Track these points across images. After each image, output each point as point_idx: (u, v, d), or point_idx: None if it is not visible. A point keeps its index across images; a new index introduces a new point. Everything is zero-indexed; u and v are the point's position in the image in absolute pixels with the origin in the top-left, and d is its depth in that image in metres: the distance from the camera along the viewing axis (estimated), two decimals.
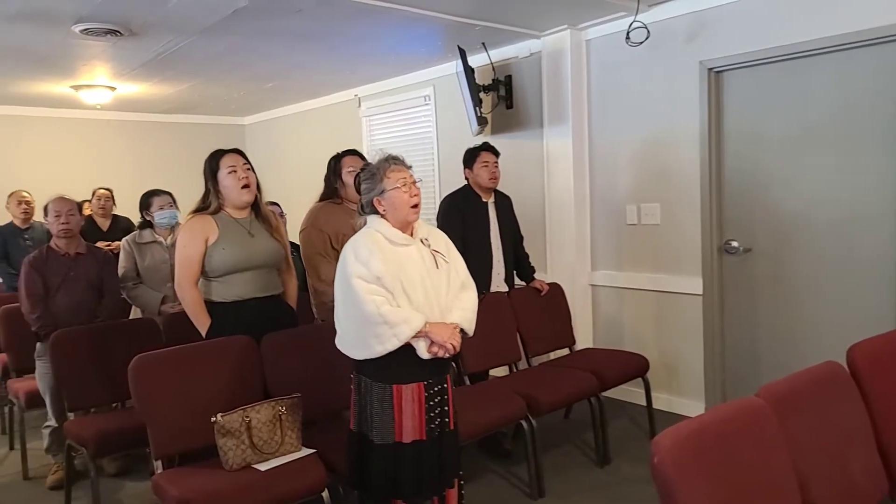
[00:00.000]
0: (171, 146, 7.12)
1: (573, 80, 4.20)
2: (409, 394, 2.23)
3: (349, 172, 3.18)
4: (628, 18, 3.79)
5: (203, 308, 2.77)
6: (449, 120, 5.11)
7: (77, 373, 3.13)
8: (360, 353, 2.21)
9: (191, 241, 2.75)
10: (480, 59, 4.54)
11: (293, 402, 2.54)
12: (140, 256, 3.72)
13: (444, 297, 2.30)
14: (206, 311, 2.77)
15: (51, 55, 4.35)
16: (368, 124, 5.96)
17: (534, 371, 3.57)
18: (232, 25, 3.75)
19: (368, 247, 2.21)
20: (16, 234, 4.90)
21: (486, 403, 3.00)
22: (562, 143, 4.28)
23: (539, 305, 3.78)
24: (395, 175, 2.27)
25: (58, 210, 3.46)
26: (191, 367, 2.60)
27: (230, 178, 2.78)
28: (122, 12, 3.48)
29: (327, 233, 3.10)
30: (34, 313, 3.36)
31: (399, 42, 4.39)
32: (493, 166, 3.63)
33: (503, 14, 3.85)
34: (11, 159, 6.27)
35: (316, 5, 3.47)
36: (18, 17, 3.47)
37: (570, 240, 4.28)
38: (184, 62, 4.65)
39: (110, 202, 5.24)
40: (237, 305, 2.78)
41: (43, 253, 3.47)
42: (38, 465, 3.61)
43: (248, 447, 2.40)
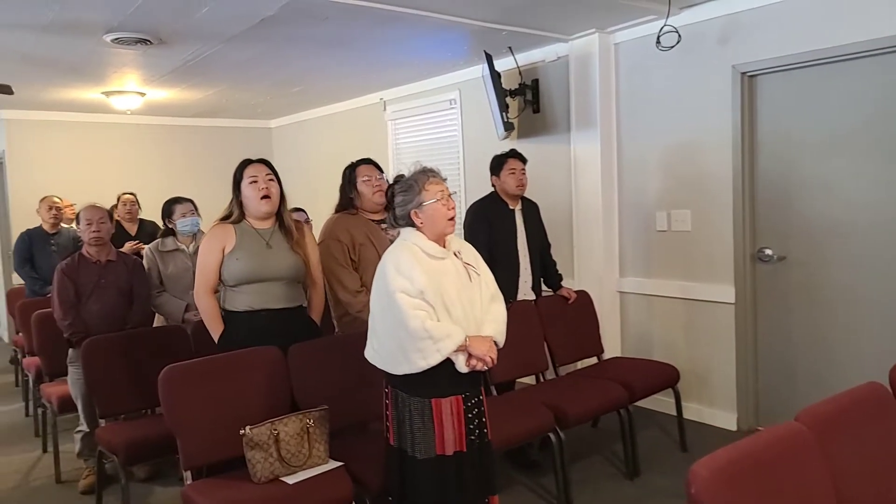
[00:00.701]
0: (198, 149, 7.20)
1: (601, 84, 4.14)
2: (447, 407, 2.24)
3: (364, 182, 3.18)
4: (658, 22, 3.72)
5: (217, 316, 2.79)
6: (475, 124, 5.08)
7: (108, 380, 3.17)
8: (402, 368, 2.20)
9: (209, 249, 2.77)
10: (507, 63, 4.50)
11: (321, 415, 2.53)
12: (163, 264, 3.75)
13: (478, 310, 2.31)
14: (220, 319, 2.79)
15: (83, 63, 4.41)
16: (394, 128, 5.95)
17: (561, 381, 3.52)
18: (259, 33, 3.76)
19: (410, 261, 2.20)
20: (43, 239, 4.98)
21: (514, 415, 2.97)
22: (590, 147, 4.22)
23: (566, 314, 3.74)
24: (434, 188, 2.27)
25: (89, 218, 3.50)
26: (219, 377, 2.61)
27: (251, 188, 2.79)
28: (152, 22, 3.51)
29: (345, 243, 3.09)
30: (66, 320, 3.41)
31: (425, 47, 4.37)
32: (521, 173, 3.59)
33: (531, 19, 3.80)
34: (45, 163, 6.39)
35: (343, 13, 3.46)
36: (52, 27, 3.52)
37: (598, 246, 4.22)
38: (212, 68, 4.68)
39: (136, 206, 5.30)
40: (249, 315, 2.77)
41: (75, 260, 3.52)
42: (70, 468, 3.67)
43: (277, 460, 2.40)
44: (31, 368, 4.29)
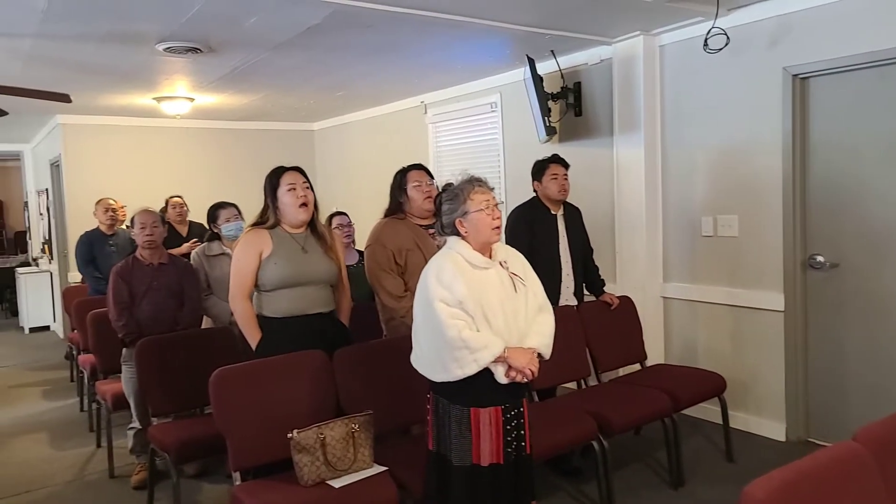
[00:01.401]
0: (243, 151, 7.35)
1: (646, 87, 4.08)
2: (486, 417, 2.24)
3: (414, 187, 3.19)
4: (705, 24, 3.65)
5: (254, 321, 2.82)
6: (516, 127, 5.07)
7: (160, 379, 3.27)
8: (439, 376, 2.22)
9: (245, 255, 2.80)
10: (549, 66, 4.48)
11: (366, 420, 2.57)
12: (209, 268, 3.85)
13: (523, 322, 2.30)
14: (256, 324, 2.82)
15: (136, 71, 4.56)
16: (434, 131, 5.98)
17: (604, 388, 3.49)
18: (305, 41, 3.83)
19: (451, 271, 2.21)
20: (102, 240, 5.17)
21: (556, 422, 2.96)
22: (633, 151, 4.17)
23: (609, 319, 3.70)
24: (479, 197, 2.28)
25: (143, 222, 3.62)
26: (267, 381, 2.67)
27: (289, 195, 2.81)
28: (203, 32, 3.61)
29: (391, 249, 3.11)
30: (120, 320, 3.53)
31: (467, 52, 4.39)
32: (563, 179, 3.57)
33: (574, 23, 3.77)
34: (98, 166, 6.62)
35: (386, 20, 3.49)
36: (107, 38, 3.65)
37: (642, 251, 4.16)
38: (258, 75, 4.78)
39: (184, 208, 5.43)
40: (287, 321, 2.81)
41: (129, 263, 3.64)
42: (122, 463, 3.80)
43: (323, 464, 2.44)
44: (87, 365, 4.46)
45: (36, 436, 4.48)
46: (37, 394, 5.54)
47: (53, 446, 4.26)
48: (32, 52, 3.87)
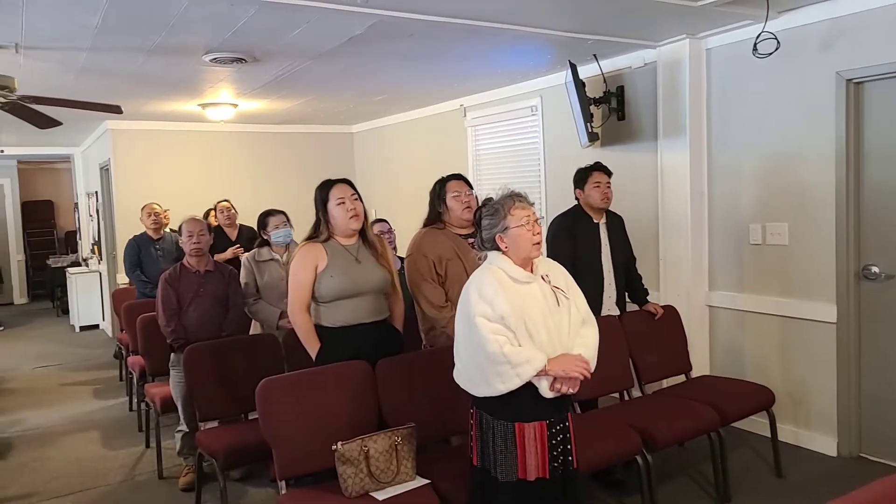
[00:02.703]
0: (284, 154, 7.46)
1: (691, 91, 3.99)
2: (531, 432, 2.23)
3: (454, 197, 3.20)
4: (753, 27, 3.56)
5: (313, 333, 2.88)
6: (556, 130, 5.02)
7: (207, 384, 3.35)
8: (482, 391, 2.22)
9: (302, 269, 2.86)
10: (591, 70, 4.42)
11: (408, 432, 2.58)
12: (259, 273, 3.92)
13: (566, 335, 2.29)
14: (315, 335, 2.88)
15: (183, 80, 4.67)
16: (474, 134, 5.96)
17: (648, 400, 3.44)
18: (347, 50, 3.86)
19: (493, 286, 2.21)
20: (148, 244, 5.31)
21: (599, 436, 2.92)
22: (678, 156, 4.09)
23: (653, 329, 3.64)
24: (519, 213, 2.27)
25: (190, 231, 3.70)
26: (312, 391, 2.71)
27: (339, 209, 2.87)
28: (248, 43, 3.67)
29: (431, 258, 3.13)
30: (169, 326, 3.62)
31: (508, 57, 4.36)
32: (606, 187, 3.52)
33: (618, 27, 3.71)
34: (145, 170, 6.79)
35: (428, 29, 3.50)
36: (157, 50, 3.74)
37: (686, 259, 4.08)
38: (300, 82, 4.85)
39: (232, 212, 5.53)
40: (345, 330, 2.86)
41: (176, 270, 3.73)
42: (170, 464, 3.90)
43: (367, 475, 2.47)
44: (136, 367, 4.59)
45: (88, 434, 4.63)
46: (88, 392, 5.73)
47: (105, 445, 4.40)
48: (86, 64, 3.99)
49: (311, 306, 2.93)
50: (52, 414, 5.12)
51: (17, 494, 3.69)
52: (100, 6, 2.93)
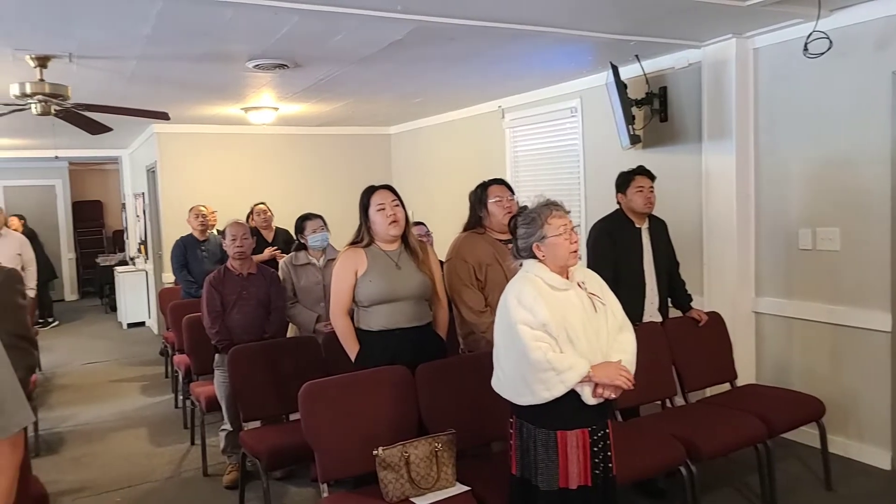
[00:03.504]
0: (323, 155, 7.55)
1: (738, 91, 3.89)
2: (573, 440, 2.22)
3: (495, 202, 3.19)
4: (803, 25, 3.45)
5: (353, 336, 2.93)
6: (597, 132, 4.95)
7: (250, 385, 3.41)
8: (525, 399, 2.22)
9: (343, 273, 2.91)
10: (632, 71, 4.35)
11: (448, 439, 2.59)
12: (296, 277, 3.97)
13: (605, 341, 2.28)
14: (355, 338, 2.92)
15: (226, 85, 4.77)
16: (512, 135, 5.93)
17: (691, 409, 3.37)
18: (387, 55, 3.88)
19: (532, 293, 2.21)
20: (194, 246, 5.43)
21: (641, 446, 2.88)
22: (723, 159, 3.99)
23: (696, 336, 3.56)
24: (556, 222, 2.26)
25: (234, 234, 3.78)
26: (352, 395, 2.74)
27: (379, 215, 2.90)
28: (290, 50, 3.73)
29: (471, 263, 3.13)
30: (213, 328, 3.70)
31: (548, 59, 4.33)
32: (649, 191, 3.47)
33: (661, 28, 3.65)
34: (191, 172, 6.95)
35: (468, 33, 3.49)
36: (203, 58, 3.83)
37: (732, 264, 3.98)
38: (340, 86, 4.90)
39: (269, 214, 5.62)
40: (383, 334, 2.89)
41: (221, 273, 3.81)
42: (214, 461, 3.99)
43: (407, 481, 2.48)
44: (181, 365, 4.71)
45: (136, 431, 4.77)
46: (135, 389, 5.90)
47: (152, 442, 4.53)
48: (135, 71, 4.11)
49: (352, 310, 2.96)
50: (102, 410, 5.29)
51: (70, 488, 3.82)
52: (150, 17, 3.02)
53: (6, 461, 1.39)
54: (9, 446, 1.40)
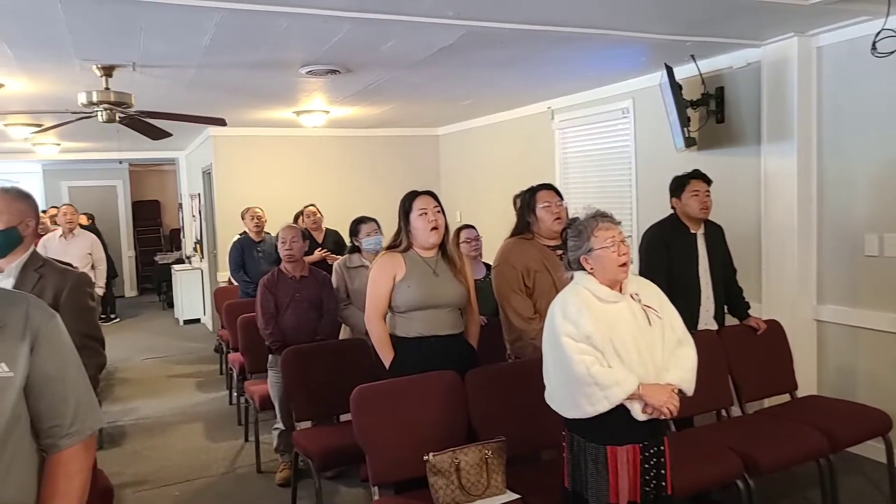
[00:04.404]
0: (372, 156, 7.62)
1: (800, 92, 3.75)
2: (623, 456, 2.18)
3: (543, 207, 3.16)
4: (870, 22, 3.30)
5: (387, 341, 2.92)
6: (649, 133, 4.86)
7: (303, 387, 3.47)
8: (571, 412, 2.20)
9: (380, 278, 2.90)
10: (687, 71, 4.24)
11: (498, 446, 2.58)
12: (349, 279, 4.03)
13: (660, 356, 2.22)
14: (390, 344, 2.91)
15: (279, 90, 4.87)
16: (561, 136, 5.87)
17: (748, 421, 3.27)
18: (436, 59, 3.90)
19: (577, 305, 2.18)
20: (251, 246, 5.58)
21: (696, 458, 2.80)
22: (784, 162, 3.86)
23: (754, 345, 3.46)
24: (604, 234, 2.22)
25: (284, 238, 3.86)
26: (403, 399, 2.76)
27: (421, 220, 2.88)
28: (342, 56, 3.78)
29: (519, 269, 3.11)
30: (267, 329, 3.79)
31: (600, 60, 4.27)
32: (705, 195, 3.38)
33: (719, 28, 3.54)
34: (245, 174, 7.13)
35: (519, 37, 3.47)
36: (258, 65, 3.93)
37: (792, 271, 3.84)
38: (389, 90, 4.94)
39: (318, 216, 5.69)
40: (418, 341, 2.88)
41: (274, 275, 3.90)
42: (267, 458, 4.09)
43: (457, 487, 2.49)
44: (235, 364, 4.84)
45: (193, 426, 4.93)
46: (191, 385, 6.10)
47: (208, 437, 4.67)
48: (194, 79, 4.24)
49: (387, 315, 2.96)
50: (160, 404, 5.49)
51: (131, 481, 3.98)
52: (209, 28, 3.11)
53: (81, 463, 1.46)
54: (83, 449, 1.47)
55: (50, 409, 1.41)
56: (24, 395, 1.37)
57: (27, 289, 2.23)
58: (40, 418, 1.41)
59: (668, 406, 2.13)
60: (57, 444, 1.43)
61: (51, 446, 1.43)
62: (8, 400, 1.33)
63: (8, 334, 1.35)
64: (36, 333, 1.39)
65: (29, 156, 8.93)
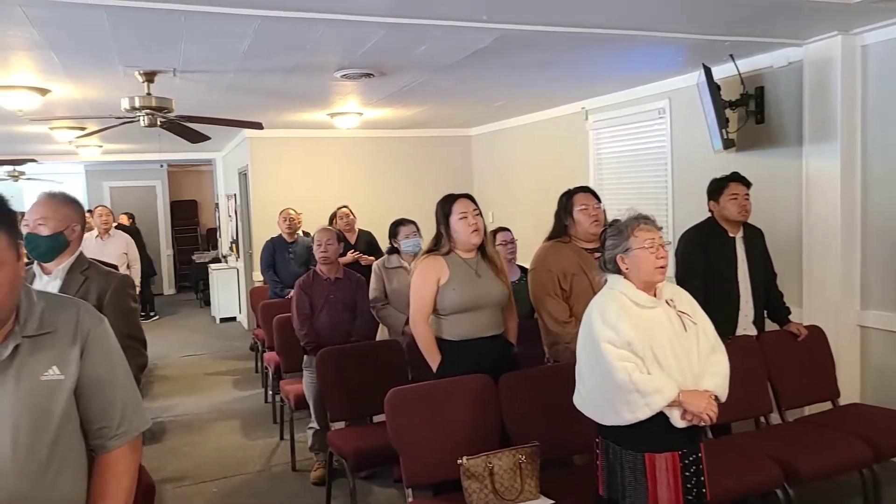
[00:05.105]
0: (404, 157, 7.65)
1: (844, 91, 3.65)
2: (662, 464, 2.17)
3: (581, 210, 3.14)
4: None
5: (433, 344, 2.94)
6: (686, 134, 4.78)
7: (337, 387, 3.52)
8: (609, 419, 2.19)
9: (424, 281, 2.92)
10: (726, 70, 4.16)
11: (532, 451, 2.58)
12: (388, 280, 4.05)
13: (696, 362, 2.20)
14: (436, 347, 2.93)
15: (314, 94, 4.93)
16: (595, 137, 5.81)
17: (788, 429, 3.20)
18: (470, 62, 3.90)
19: (615, 310, 2.17)
20: (283, 247, 5.66)
21: (734, 466, 2.76)
22: (827, 163, 3.76)
23: (794, 351, 3.38)
24: (644, 234, 2.21)
25: (319, 240, 3.91)
26: (437, 402, 2.78)
27: (461, 223, 2.90)
28: (377, 60, 3.81)
29: (556, 273, 3.09)
30: (302, 330, 3.84)
31: (635, 61, 4.22)
32: (744, 199, 3.32)
33: (760, 27, 3.47)
34: (280, 175, 7.22)
35: (553, 39, 3.45)
36: (294, 69, 3.98)
37: (835, 275, 3.74)
38: (422, 92, 4.96)
39: (351, 217, 5.73)
40: (464, 344, 2.90)
41: (310, 277, 3.95)
42: (302, 457, 4.15)
43: (491, 492, 2.50)
44: (271, 363, 4.92)
45: (229, 423, 5.03)
46: (228, 382, 6.22)
47: (244, 435, 4.76)
48: (232, 83, 4.32)
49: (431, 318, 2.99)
50: (198, 401, 5.61)
51: (171, 476, 4.08)
52: (247, 35, 3.17)
53: (128, 463, 1.51)
54: (130, 450, 1.52)
55: (99, 411, 1.46)
56: (74, 397, 1.42)
57: (73, 290, 2.31)
58: (90, 420, 1.46)
59: (707, 412, 2.11)
60: (105, 445, 1.48)
61: (99, 447, 1.48)
62: (59, 402, 1.38)
63: (59, 339, 1.40)
64: (86, 338, 1.44)
65: (72, 157, 9.20)
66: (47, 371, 1.36)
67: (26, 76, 3.95)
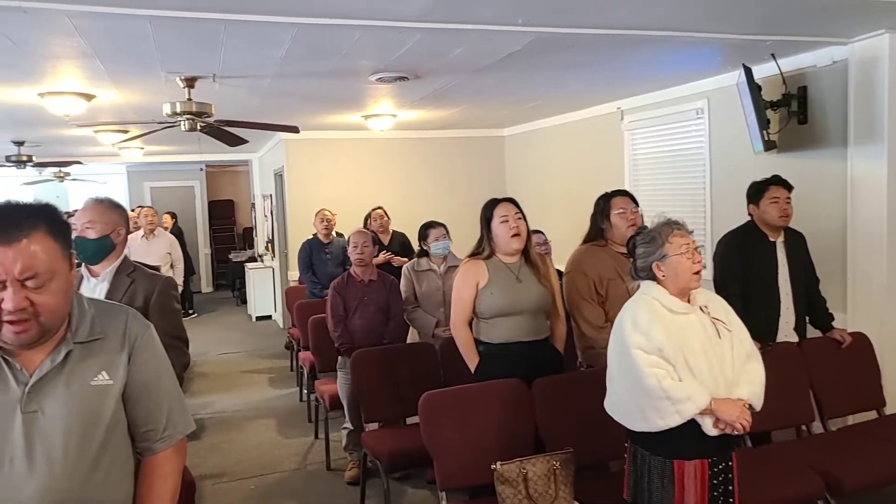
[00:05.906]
0: (438, 157, 7.66)
1: (891, 91, 3.53)
2: (691, 471, 2.15)
3: (618, 214, 3.12)
4: None
5: (473, 347, 2.97)
6: (724, 135, 4.68)
7: (371, 388, 3.56)
8: (638, 425, 2.17)
9: (464, 285, 2.95)
10: (766, 70, 4.06)
11: (566, 457, 2.58)
12: (418, 282, 4.09)
13: (730, 370, 2.18)
14: (475, 349, 2.96)
15: (349, 96, 4.98)
16: (631, 137, 5.73)
17: (831, 438, 3.13)
18: (504, 64, 3.88)
19: (648, 316, 2.15)
20: (319, 248, 5.72)
21: (773, 476, 2.71)
22: (874, 164, 3.64)
23: (838, 358, 3.30)
24: (679, 241, 2.19)
25: (355, 242, 3.96)
26: (471, 406, 2.79)
27: (502, 227, 2.91)
28: (412, 63, 3.83)
29: (591, 277, 3.08)
30: (336, 331, 3.90)
31: (673, 61, 4.15)
32: (785, 202, 3.25)
33: (803, 26, 3.38)
34: (315, 176, 7.30)
35: (588, 41, 3.42)
36: (330, 74, 4.03)
37: (881, 280, 3.63)
38: (456, 93, 4.97)
39: (385, 219, 5.76)
40: (503, 347, 2.91)
41: (344, 279, 4.00)
42: (337, 456, 4.20)
43: (525, 497, 2.50)
44: (306, 362, 4.99)
45: (265, 421, 5.12)
46: (264, 381, 6.33)
47: (280, 433, 4.84)
48: (269, 88, 4.39)
49: (472, 321, 3.01)
50: (235, 399, 5.72)
51: (210, 473, 4.17)
52: (285, 41, 3.22)
53: (173, 466, 1.56)
54: (175, 452, 1.57)
55: (145, 414, 1.51)
56: (122, 401, 1.47)
57: (120, 292, 2.38)
58: (136, 423, 1.50)
59: (740, 422, 2.09)
60: (152, 448, 1.52)
61: (146, 450, 1.52)
62: (108, 406, 1.43)
63: (108, 345, 1.45)
64: (133, 343, 1.48)
65: (115, 159, 9.47)
66: (97, 376, 1.41)
67: (73, 83, 4.08)
